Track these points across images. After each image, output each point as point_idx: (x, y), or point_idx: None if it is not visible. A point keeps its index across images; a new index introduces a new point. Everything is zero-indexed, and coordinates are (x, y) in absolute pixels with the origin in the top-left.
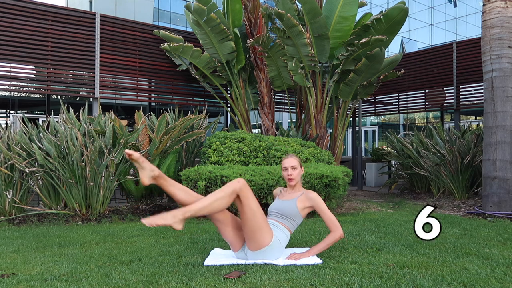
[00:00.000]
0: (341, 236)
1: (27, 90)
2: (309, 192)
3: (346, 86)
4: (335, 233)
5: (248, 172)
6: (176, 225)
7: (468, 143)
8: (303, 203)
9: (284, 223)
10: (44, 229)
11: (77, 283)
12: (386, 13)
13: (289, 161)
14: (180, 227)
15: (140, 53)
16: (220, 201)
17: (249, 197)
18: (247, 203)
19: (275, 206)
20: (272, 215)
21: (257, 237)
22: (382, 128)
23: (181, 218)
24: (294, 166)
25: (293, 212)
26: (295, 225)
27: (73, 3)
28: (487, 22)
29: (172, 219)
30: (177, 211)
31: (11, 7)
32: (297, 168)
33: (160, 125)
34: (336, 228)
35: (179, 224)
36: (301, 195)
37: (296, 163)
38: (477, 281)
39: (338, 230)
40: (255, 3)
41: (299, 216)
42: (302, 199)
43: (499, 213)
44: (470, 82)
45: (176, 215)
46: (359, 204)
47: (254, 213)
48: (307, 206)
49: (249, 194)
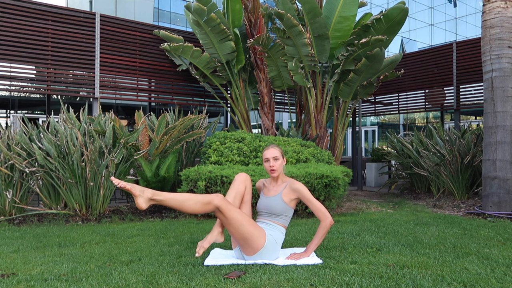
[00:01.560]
0: (331, 223)
1: (27, 90)
2: (293, 183)
3: (346, 86)
4: (324, 222)
5: (248, 172)
6: (139, 199)
7: (468, 143)
8: (288, 196)
9: (276, 221)
10: (44, 229)
11: (77, 283)
12: (386, 13)
13: (271, 152)
14: (142, 204)
15: (140, 53)
16: (192, 204)
17: (231, 210)
18: (230, 216)
19: (263, 205)
20: (262, 215)
21: (250, 243)
22: (382, 128)
23: (149, 196)
24: (276, 157)
25: (282, 207)
26: (287, 219)
27: (73, 3)
28: (487, 22)
29: (139, 191)
30: (149, 190)
31: (11, 7)
32: (279, 159)
33: (160, 125)
34: (325, 216)
35: (143, 200)
36: (285, 188)
37: (278, 154)
38: (477, 281)
39: (327, 218)
40: (255, 3)
41: (289, 209)
42: (287, 192)
43: (499, 213)
44: (470, 82)
45: (145, 191)
46: (359, 204)
47: (241, 223)
48: (293, 198)
49: (230, 207)
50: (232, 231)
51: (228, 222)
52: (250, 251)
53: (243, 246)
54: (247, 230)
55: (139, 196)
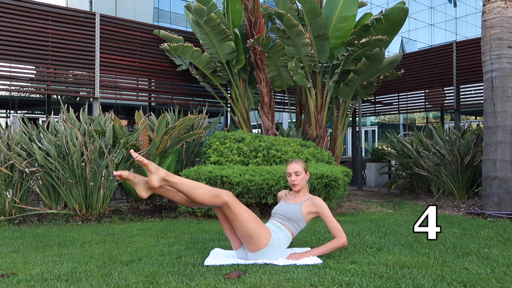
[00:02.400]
0: (344, 244)
1: (27, 90)
2: (315, 198)
3: (346, 86)
4: (338, 239)
5: (248, 172)
6: (154, 176)
7: (468, 143)
8: (308, 208)
9: (286, 225)
10: (44, 229)
11: (77, 283)
12: (386, 13)
13: (293, 167)
14: (155, 182)
15: (140, 53)
16: (202, 193)
17: (239, 207)
18: (237, 212)
19: (280, 208)
20: (275, 217)
21: (255, 241)
22: (382, 128)
23: (162, 176)
24: (298, 172)
25: (298, 216)
26: (298, 229)
27: (73, 3)
28: (487, 22)
29: (155, 169)
30: (163, 170)
31: (11, 7)
32: (301, 174)
33: (160, 125)
34: (341, 236)
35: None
36: (306, 200)
37: (300, 169)
38: (477, 281)
39: (342, 238)
40: (255, 3)
41: (303, 221)
42: (308, 204)
43: (499, 213)
44: (470, 82)
45: (160, 170)
46: (359, 204)
47: (247, 220)
48: (312, 212)
49: (237, 204)
50: (238, 227)
51: (235, 218)
52: (253, 248)
53: (247, 243)
54: (253, 228)
55: (154, 173)
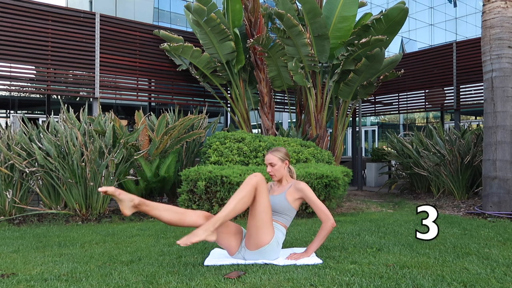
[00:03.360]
0: (333, 225)
1: (27, 90)
2: (298, 183)
3: (346, 86)
4: (326, 223)
5: (248, 172)
6: (209, 237)
7: (468, 143)
8: (292, 196)
9: (278, 220)
10: (44, 229)
11: (77, 283)
12: (386, 13)
13: (268, 158)
14: (213, 238)
15: (140, 53)
16: (242, 202)
17: (263, 193)
18: (260, 199)
19: None
20: None
21: (260, 234)
22: (382, 128)
23: (212, 230)
24: (272, 163)
25: (285, 206)
26: (289, 220)
27: (73, 3)
28: (487, 22)
29: (204, 233)
30: (207, 224)
31: (11, 7)
32: (276, 164)
33: (160, 125)
34: (327, 218)
35: (212, 235)
36: (290, 187)
37: (274, 160)
38: (477, 281)
39: (329, 220)
40: (255, 3)
41: (292, 209)
42: (291, 192)
43: (499, 213)
44: (470, 82)
45: (208, 228)
46: (359, 204)
47: (265, 209)
48: (297, 198)
49: (264, 189)
50: (253, 214)
51: (255, 204)
52: (254, 243)
53: (251, 235)
54: (266, 220)
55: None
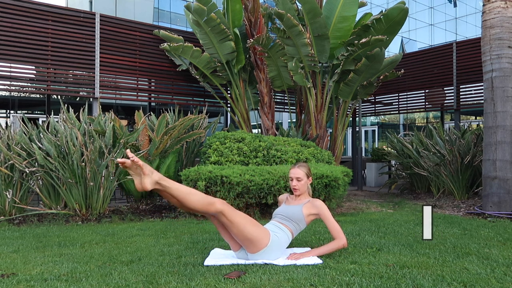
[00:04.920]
0: (344, 245)
1: (27, 90)
2: (315, 200)
3: (346, 86)
4: (338, 241)
5: (248, 172)
6: (147, 178)
7: (468, 143)
8: (308, 210)
9: (287, 225)
10: (44, 229)
11: (77, 283)
12: (386, 13)
13: (295, 172)
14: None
15: (140, 53)
16: (195, 200)
17: (234, 214)
18: (233, 220)
19: (281, 210)
20: (276, 217)
21: (254, 243)
22: (382, 128)
23: (156, 179)
24: (299, 178)
25: (298, 216)
26: (298, 229)
27: (73, 3)
28: (487, 22)
29: (149, 171)
30: (158, 173)
31: (11, 7)
32: (302, 180)
33: (160, 125)
34: (341, 237)
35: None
36: (307, 202)
37: (302, 175)
38: (477, 281)
39: (342, 240)
40: (255, 3)
41: (303, 221)
42: (308, 206)
43: (499, 213)
44: (470, 82)
45: (155, 173)
46: (359, 204)
47: (244, 226)
48: (312, 213)
49: (232, 212)
50: (236, 233)
51: (232, 225)
52: (253, 249)
53: (247, 246)
54: (251, 231)
55: (147, 176)
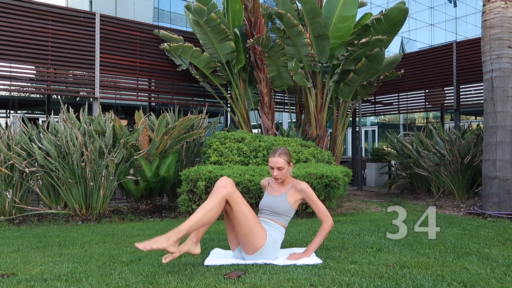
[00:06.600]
0: (331, 225)
1: (27, 90)
2: (299, 183)
3: (346, 86)
4: (326, 223)
5: (248, 172)
6: (170, 248)
7: (468, 143)
8: (293, 197)
9: (277, 220)
10: (44, 229)
11: (77, 283)
12: (386, 13)
13: (275, 162)
14: (174, 250)
15: (140, 53)
16: (210, 212)
17: (239, 202)
18: (237, 208)
19: (266, 203)
20: (263, 213)
21: (251, 241)
22: (382, 128)
23: (175, 240)
24: (281, 168)
25: (285, 208)
26: (288, 219)
27: (73, 3)
28: (487, 22)
29: (166, 242)
30: (171, 233)
31: (11, 7)
32: (284, 168)
33: (160, 125)
34: (327, 218)
35: (174, 246)
36: (290, 188)
37: (283, 164)
38: (477, 281)
39: (328, 220)
40: (255, 3)
41: (291, 210)
42: (292, 193)
43: (499, 213)
44: (470, 82)
45: (170, 237)
46: (359, 204)
47: (246, 217)
48: (298, 199)
49: (238, 198)
50: (236, 225)
51: (234, 215)
52: (250, 249)
53: (244, 243)
54: (251, 226)
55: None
